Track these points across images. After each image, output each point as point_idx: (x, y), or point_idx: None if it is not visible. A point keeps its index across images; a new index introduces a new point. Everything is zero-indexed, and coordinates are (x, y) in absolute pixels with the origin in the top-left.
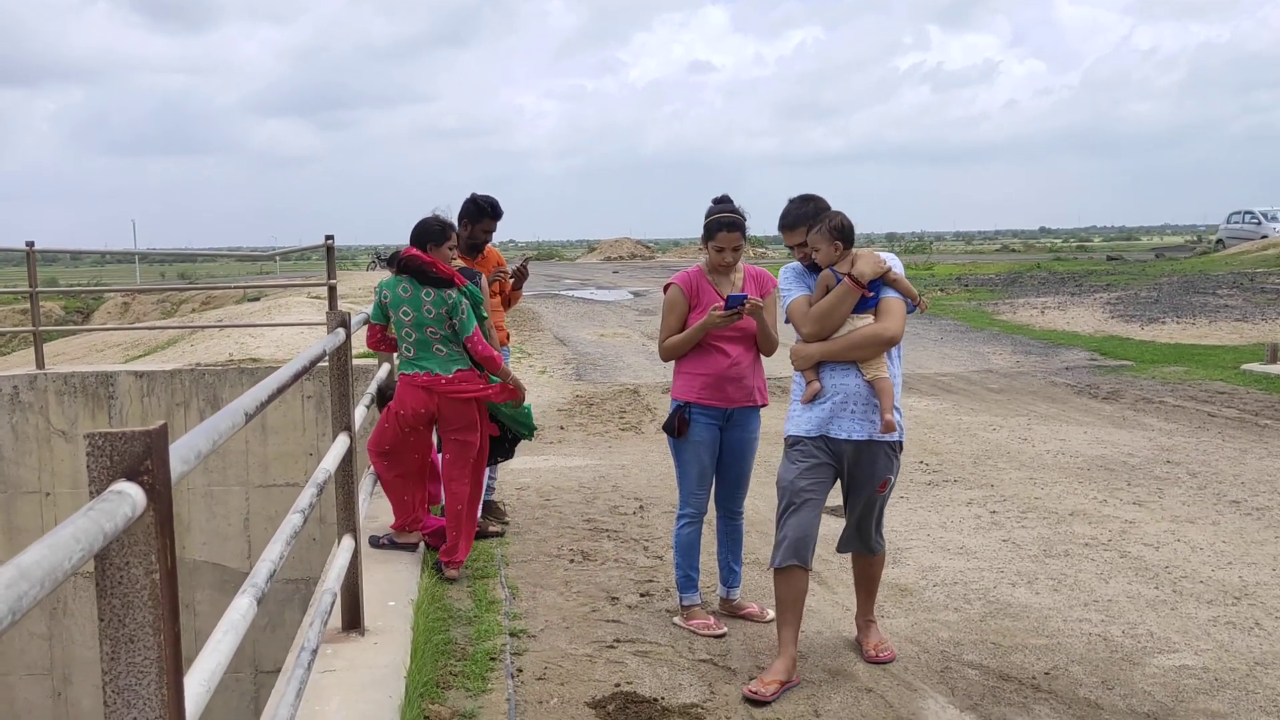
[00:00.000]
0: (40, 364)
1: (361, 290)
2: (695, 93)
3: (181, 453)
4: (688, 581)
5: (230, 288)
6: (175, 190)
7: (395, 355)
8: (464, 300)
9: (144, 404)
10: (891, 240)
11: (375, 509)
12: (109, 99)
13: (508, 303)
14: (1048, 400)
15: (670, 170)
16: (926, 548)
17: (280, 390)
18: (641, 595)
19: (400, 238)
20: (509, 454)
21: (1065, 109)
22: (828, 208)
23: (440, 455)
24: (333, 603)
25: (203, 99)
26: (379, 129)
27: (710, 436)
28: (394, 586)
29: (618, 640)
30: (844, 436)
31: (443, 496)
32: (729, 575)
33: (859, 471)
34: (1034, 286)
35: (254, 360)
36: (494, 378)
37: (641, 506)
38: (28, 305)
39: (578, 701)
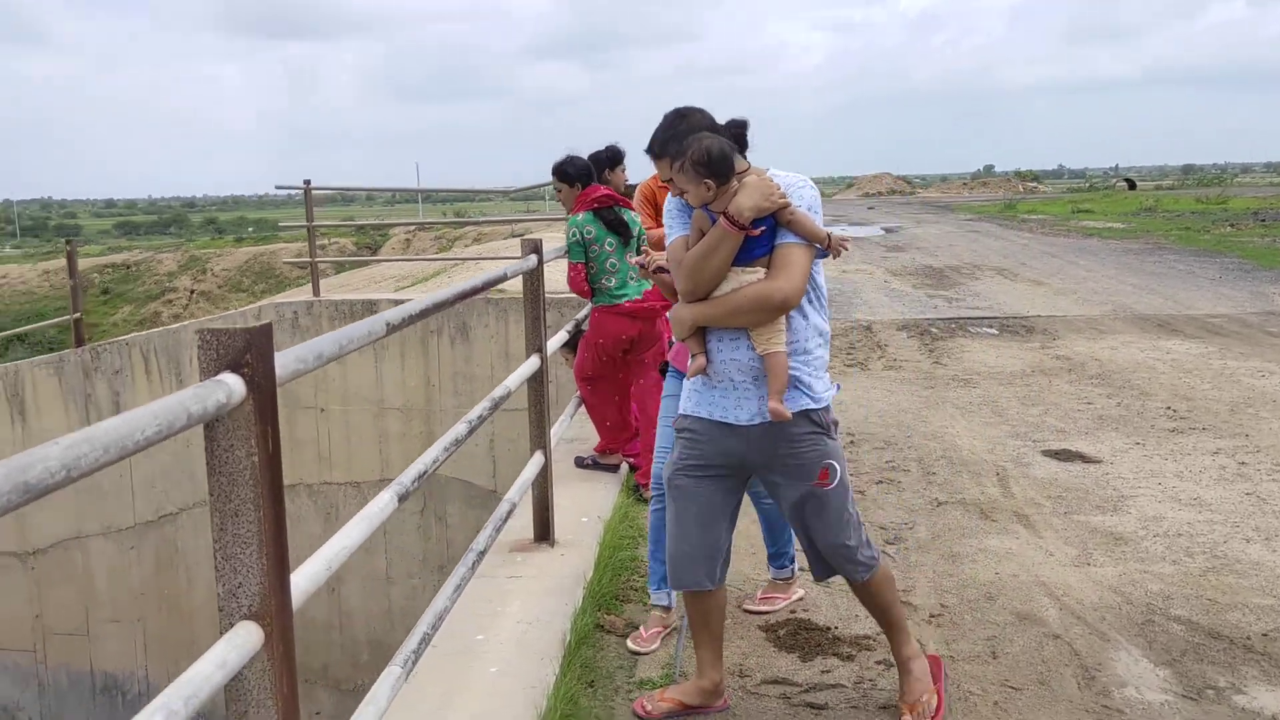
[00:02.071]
0: (316, 292)
1: None
2: (970, 19)
3: (299, 353)
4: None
5: (492, 221)
6: (454, 134)
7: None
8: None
9: (401, 331)
10: (1188, 173)
11: (588, 431)
12: (398, 49)
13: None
14: None
15: (939, 103)
16: (1155, 496)
17: (439, 306)
18: None
19: (646, 173)
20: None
21: None
22: (708, 124)
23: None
24: (509, 512)
25: (481, 45)
26: (645, 69)
27: None
28: (590, 503)
29: (802, 569)
30: (738, 421)
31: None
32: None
33: (773, 465)
34: None
35: (500, 291)
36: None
37: (853, 441)
38: (323, 241)
39: (752, 625)
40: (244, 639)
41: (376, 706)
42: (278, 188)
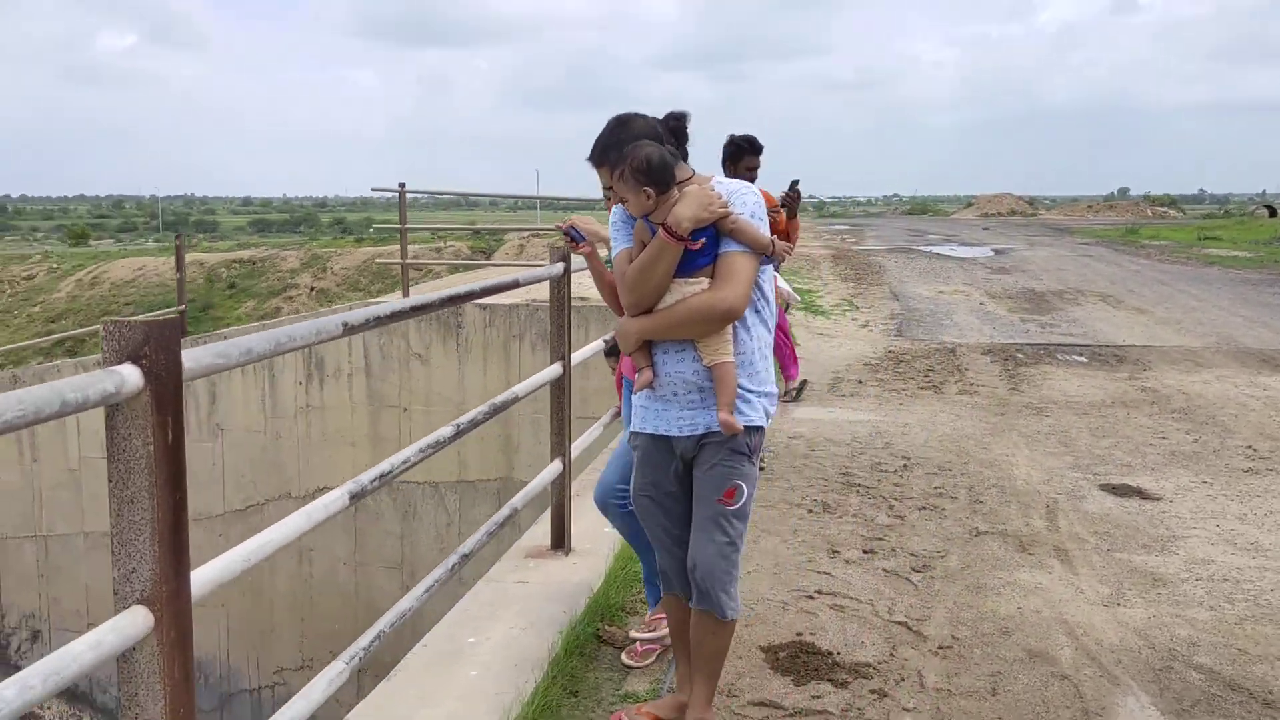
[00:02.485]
0: (405, 292)
1: None
2: (1114, 36)
3: (220, 348)
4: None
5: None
6: (577, 143)
7: None
8: None
9: (485, 334)
10: None
11: None
12: (530, 57)
13: (787, 237)
14: None
15: (1075, 123)
16: (1209, 538)
17: (397, 316)
18: (865, 552)
19: (777, 189)
20: None
21: None
22: (651, 133)
23: None
24: (508, 517)
25: (610, 55)
26: (770, 81)
27: None
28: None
29: (819, 591)
30: (675, 433)
31: None
32: None
33: (699, 477)
34: None
35: (582, 299)
36: None
37: (905, 465)
38: (439, 243)
39: (753, 644)
40: (129, 623)
41: (308, 701)
42: (373, 190)
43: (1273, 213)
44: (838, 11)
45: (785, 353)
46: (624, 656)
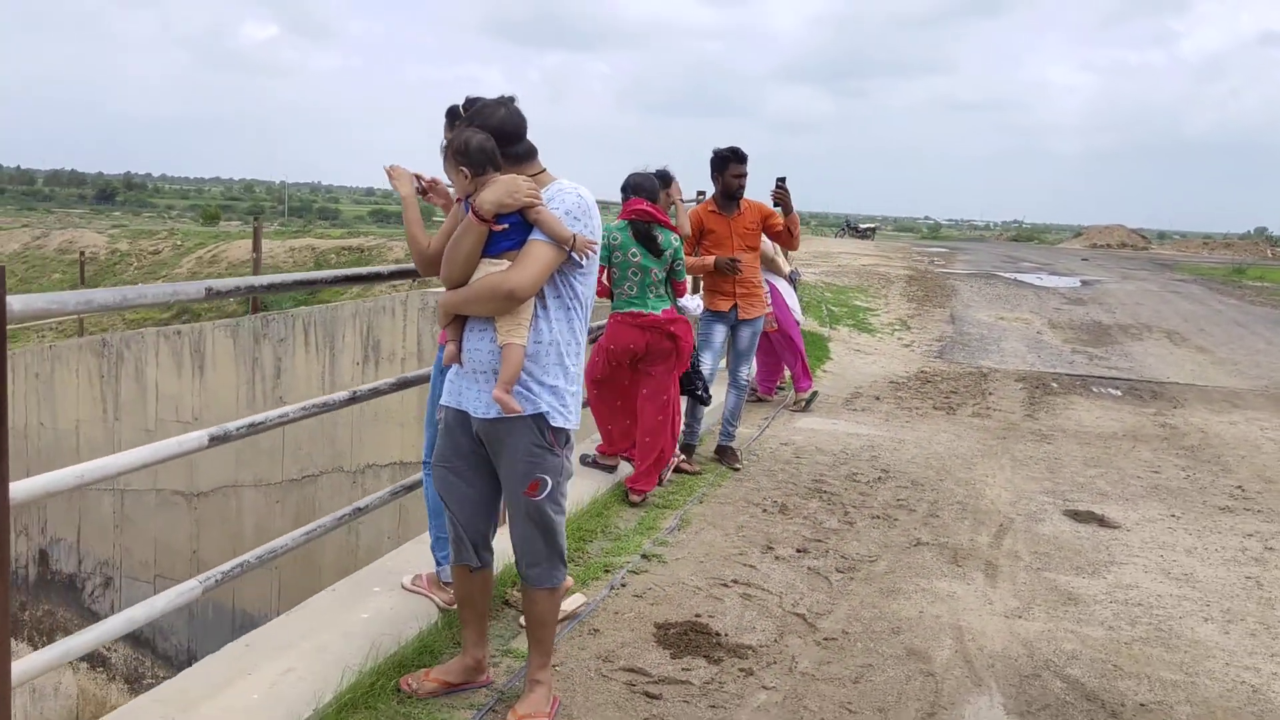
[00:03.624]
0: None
1: (815, 255)
2: (1262, 68)
3: (54, 296)
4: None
5: None
6: (693, 149)
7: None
8: (681, 245)
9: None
10: None
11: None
12: (652, 64)
13: (789, 234)
14: None
15: (1214, 156)
16: (1145, 567)
17: (250, 289)
18: (798, 550)
19: (893, 209)
20: (699, 397)
21: None
22: (499, 119)
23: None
24: (416, 482)
25: (732, 65)
26: (893, 99)
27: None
28: (570, 499)
29: (736, 581)
30: (472, 411)
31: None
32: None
33: (500, 462)
34: None
35: None
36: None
37: (880, 478)
38: None
39: (650, 620)
40: None
41: (150, 608)
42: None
43: None
44: (967, 30)
45: (797, 364)
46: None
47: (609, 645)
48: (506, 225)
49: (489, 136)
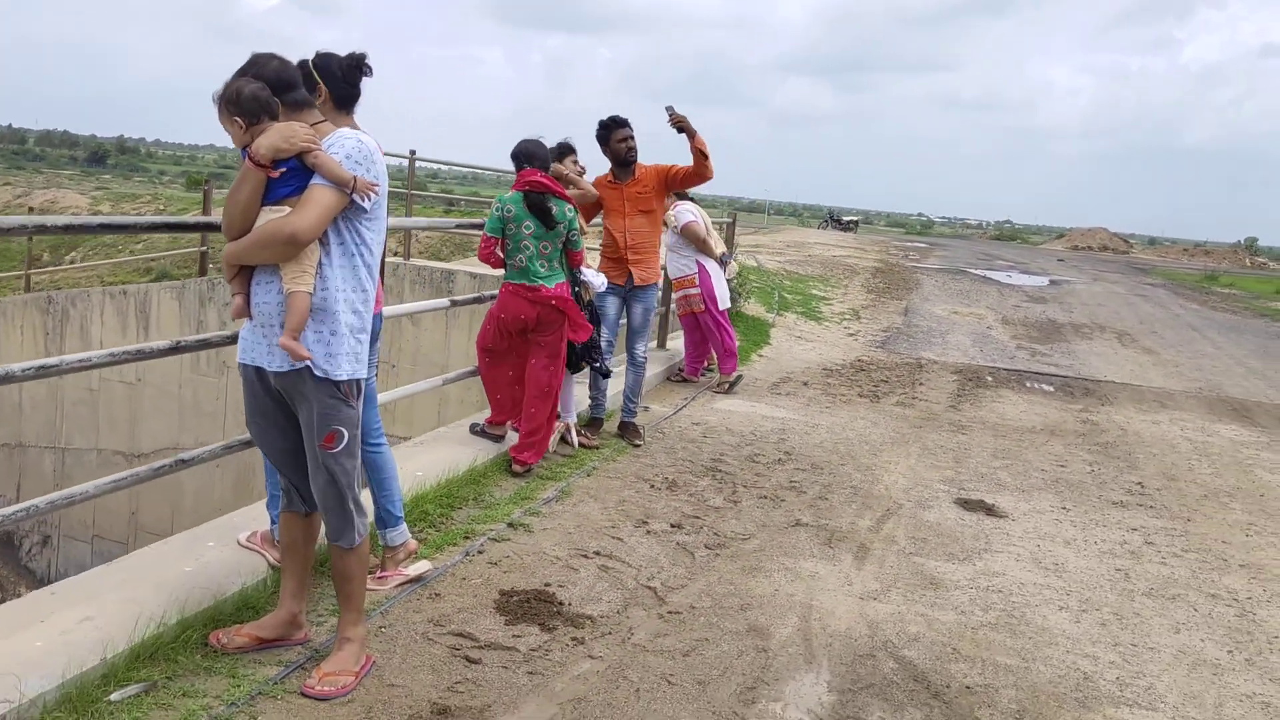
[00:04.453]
0: (407, 256)
1: (788, 244)
2: (1262, 79)
3: None
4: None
5: None
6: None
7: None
8: (578, 216)
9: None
10: None
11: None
12: (655, 50)
13: (700, 162)
14: None
15: (1210, 164)
16: (1018, 556)
17: (41, 229)
18: (673, 526)
19: (889, 204)
20: (596, 369)
21: None
22: (275, 71)
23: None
24: (242, 443)
25: (736, 55)
26: (894, 94)
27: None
28: (441, 464)
29: (598, 553)
30: (265, 365)
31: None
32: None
33: (300, 415)
34: None
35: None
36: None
37: (781, 460)
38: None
39: (496, 586)
40: None
41: None
42: (385, 154)
43: None
44: (969, 29)
45: (725, 346)
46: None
47: (446, 610)
48: (284, 170)
49: (263, 85)
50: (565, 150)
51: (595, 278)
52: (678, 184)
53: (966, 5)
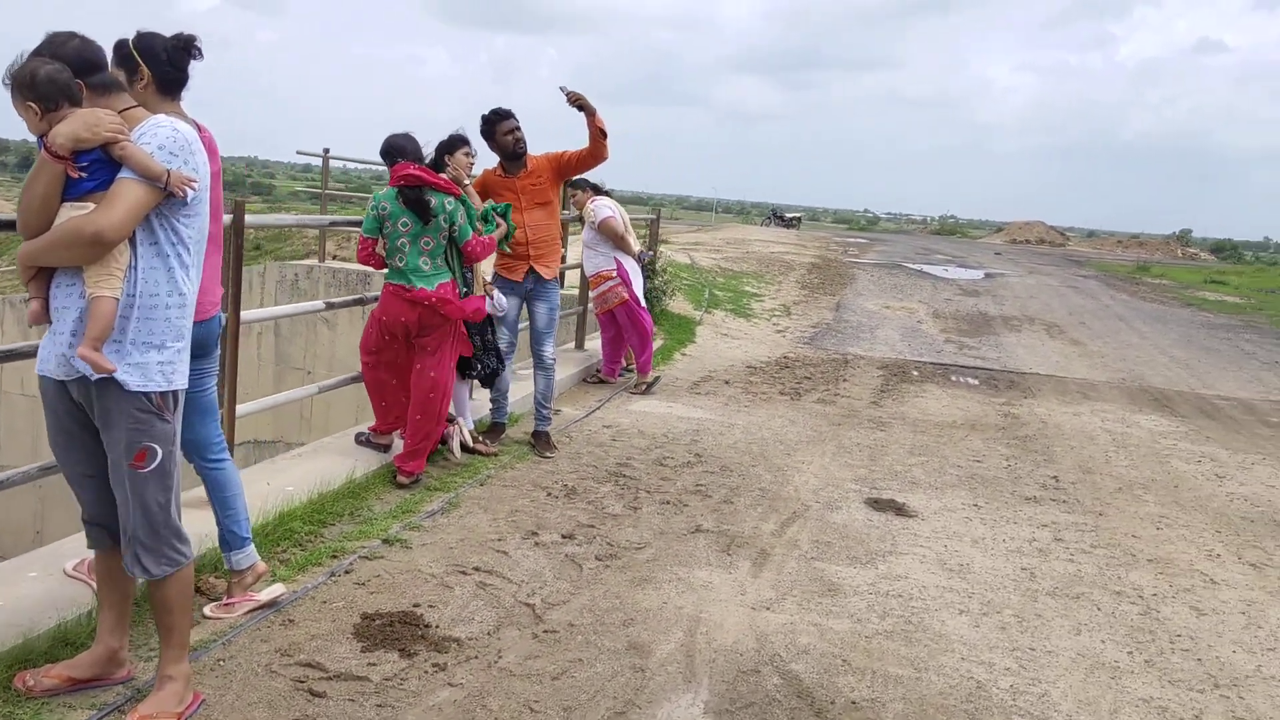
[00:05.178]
0: (322, 258)
1: (728, 241)
2: (1196, 75)
3: None
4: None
5: None
6: (639, 136)
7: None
8: (461, 207)
9: None
10: None
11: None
12: (603, 50)
13: (598, 141)
14: None
15: (1146, 159)
16: (922, 557)
17: None
18: (564, 536)
19: (836, 201)
20: (484, 378)
21: None
22: (69, 48)
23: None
24: None
25: (683, 54)
26: (841, 92)
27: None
28: (319, 479)
29: (478, 568)
30: (63, 376)
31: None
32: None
33: (104, 431)
34: None
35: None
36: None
37: (690, 463)
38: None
39: (360, 609)
40: None
41: None
42: (298, 153)
43: None
44: (913, 27)
45: (643, 347)
46: (207, 608)
47: (298, 638)
48: (85, 165)
49: (62, 67)
50: (456, 142)
51: (495, 302)
52: (573, 169)
53: (911, 4)
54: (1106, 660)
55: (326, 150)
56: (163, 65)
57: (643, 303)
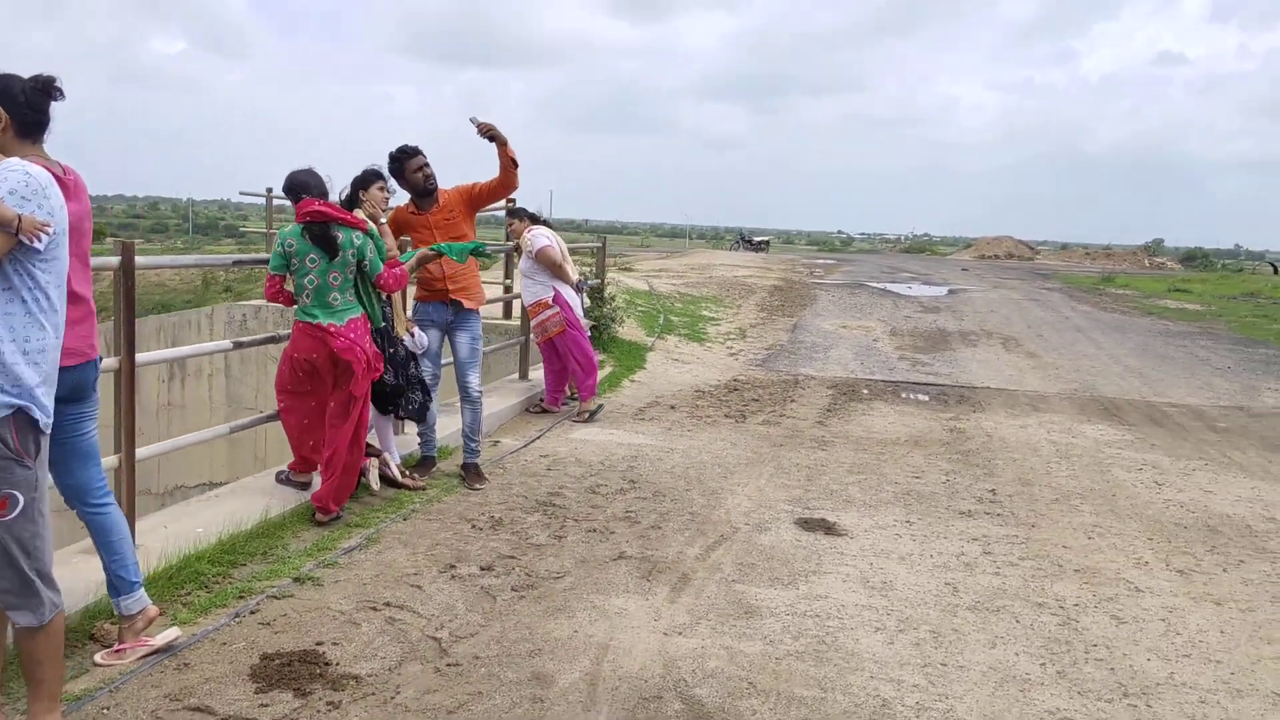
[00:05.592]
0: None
1: (691, 266)
2: (1157, 87)
3: None
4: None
5: None
6: (610, 165)
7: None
8: (370, 242)
9: None
10: None
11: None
12: (569, 81)
13: (508, 170)
14: (1273, 450)
15: (1114, 172)
16: (846, 576)
17: None
18: (483, 569)
19: (814, 223)
20: (412, 414)
21: None
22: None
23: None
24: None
25: (650, 82)
26: (809, 116)
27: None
28: (231, 519)
29: (389, 604)
30: None
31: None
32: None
33: None
34: None
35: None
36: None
37: (624, 490)
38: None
39: (259, 649)
40: None
41: None
42: (241, 193)
43: (1276, 269)
44: (876, 50)
45: (586, 377)
46: (97, 657)
47: (191, 681)
48: None
49: None
50: (370, 178)
51: (415, 340)
52: (484, 199)
53: (873, 25)
54: (1018, 673)
55: (269, 190)
56: (21, 108)
57: (585, 330)
